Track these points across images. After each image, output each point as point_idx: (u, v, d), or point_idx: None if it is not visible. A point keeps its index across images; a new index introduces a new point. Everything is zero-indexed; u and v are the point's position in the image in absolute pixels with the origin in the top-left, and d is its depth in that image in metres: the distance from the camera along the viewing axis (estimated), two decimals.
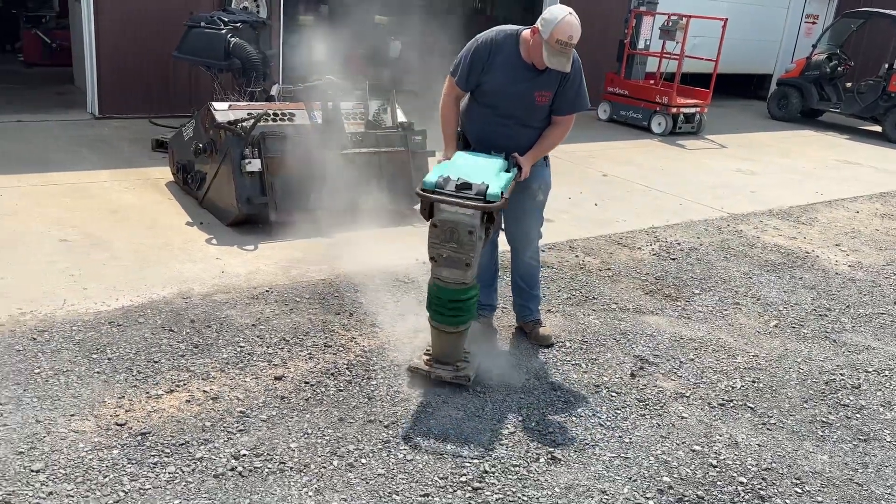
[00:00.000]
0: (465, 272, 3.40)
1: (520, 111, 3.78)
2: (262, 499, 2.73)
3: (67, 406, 3.17)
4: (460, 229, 3.31)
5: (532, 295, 4.25)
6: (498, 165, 3.58)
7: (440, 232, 3.35)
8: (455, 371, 3.58)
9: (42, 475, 2.72)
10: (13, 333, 3.71)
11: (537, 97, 3.74)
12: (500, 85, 3.73)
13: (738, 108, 15.17)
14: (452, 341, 3.57)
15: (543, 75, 3.68)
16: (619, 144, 10.53)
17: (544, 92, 3.73)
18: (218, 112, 5.50)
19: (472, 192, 3.28)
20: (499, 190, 3.30)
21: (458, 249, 3.35)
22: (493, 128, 3.84)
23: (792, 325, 4.86)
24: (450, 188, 3.31)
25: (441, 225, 3.34)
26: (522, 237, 4.09)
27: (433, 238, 3.39)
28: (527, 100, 3.74)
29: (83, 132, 7.90)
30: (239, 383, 3.50)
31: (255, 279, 4.69)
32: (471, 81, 3.78)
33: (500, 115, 3.80)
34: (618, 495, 2.96)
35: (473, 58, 3.74)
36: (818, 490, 3.13)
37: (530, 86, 3.71)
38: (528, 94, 3.73)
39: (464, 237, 3.32)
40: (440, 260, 3.41)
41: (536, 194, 3.99)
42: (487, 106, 3.82)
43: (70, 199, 5.79)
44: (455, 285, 3.43)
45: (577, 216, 6.80)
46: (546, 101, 3.77)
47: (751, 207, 7.71)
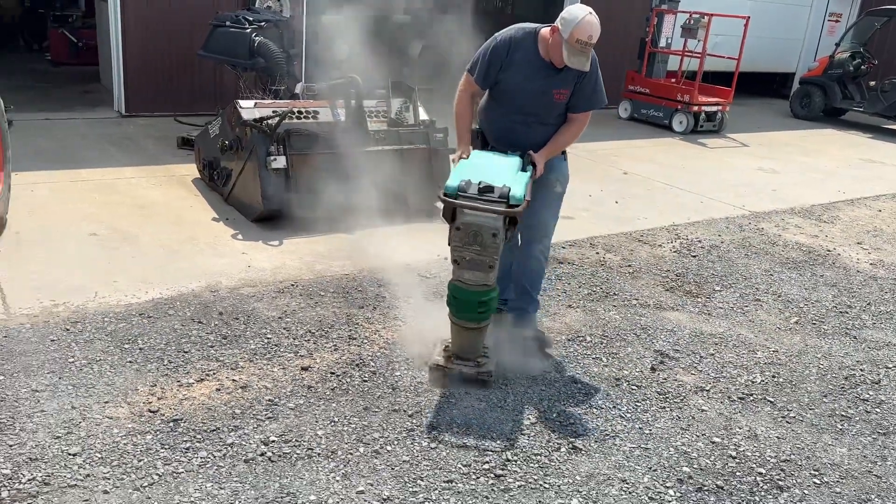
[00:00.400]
0: (487, 274, 3.40)
1: (538, 109, 3.81)
2: (290, 483, 2.81)
3: (101, 393, 3.27)
4: (484, 232, 3.31)
5: (532, 298, 4.19)
6: (515, 165, 3.60)
7: (463, 235, 3.34)
8: (476, 367, 3.59)
9: (79, 458, 2.82)
10: (47, 324, 3.83)
11: (555, 95, 3.77)
12: (519, 82, 3.76)
13: (761, 107, 15.09)
14: (473, 337, 3.58)
15: (562, 73, 3.71)
16: (639, 143, 10.54)
17: (562, 90, 3.76)
18: (244, 110, 5.60)
19: (495, 195, 3.29)
20: (522, 193, 3.33)
21: (481, 252, 3.34)
22: (512, 125, 3.86)
23: (812, 321, 4.87)
24: (472, 192, 3.32)
25: (464, 228, 3.33)
26: (538, 227, 4.03)
27: (456, 241, 3.37)
28: (545, 97, 3.77)
29: (110, 130, 8.05)
30: (267, 373, 3.58)
31: (281, 273, 4.77)
32: (489, 79, 3.80)
33: (519, 112, 3.82)
34: (638, 484, 3.01)
35: (492, 55, 3.76)
36: (836, 481, 3.16)
37: (549, 83, 3.74)
38: (547, 92, 3.75)
39: (487, 240, 3.31)
40: (463, 263, 3.41)
41: (554, 185, 3.99)
42: (506, 104, 3.85)
43: (98, 195, 5.92)
44: (477, 287, 3.42)
45: (597, 214, 6.84)
46: (564, 98, 3.79)
47: (772, 205, 7.70)
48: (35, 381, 3.31)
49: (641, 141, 10.67)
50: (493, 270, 3.39)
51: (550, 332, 4.30)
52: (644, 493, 2.96)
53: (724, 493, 3.01)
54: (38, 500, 2.58)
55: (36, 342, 3.64)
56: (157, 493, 2.68)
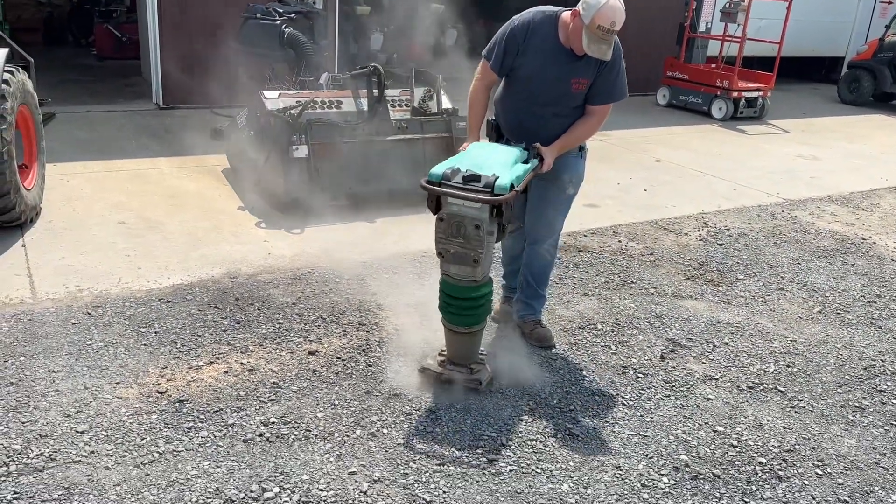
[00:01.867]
0: (473, 269, 3.22)
1: (554, 99, 3.60)
2: (285, 463, 2.88)
3: (114, 375, 3.40)
4: (467, 223, 3.14)
5: (538, 294, 4.01)
6: (514, 156, 3.39)
7: (447, 226, 3.19)
8: (469, 374, 3.43)
9: (86, 436, 2.94)
10: (70, 308, 3.98)
11: (574, 84, 3.55)
12: (535, 70, 3.56)
13: (807, 92, 14.67)
14: (465, 342, 3.41)
15: (582, 61, 3.50)
16: (676, 130, 10.37)
17: (581, 79, 3.55)
18: (268, 100, 5.70)
19: (480, 184, 3.10)
20: (508, 182, 3.11)
21: (465, 245, 3.18)
22: (527, 116, 3.67)
23: (837, 311, 4.75)
24: (457, 180, 3.15)
25: (448, 219, 3.18)
26: (544, 226, 3.86)
27: (440, 233, 3.22)
28: (562, 87, 3.56)
29: (147, 122, 8.27)
30: (275, 357, 3.67)
31: (299, 261, 4.86)
32: (505, 65, 3.61)
33: (534, 102, 3.63)
34: (632, 471, 3.00)
35: (508, 40, 3.57)
36: (840, 472, 3.10)
37: (567, 72, 3.53)
38: (565, 81, 3.55)
39: (471, 232, 3.14)
40: (447, 256, 3.25)
41: (566, 187, 3.79)
42: (521, 92, 3.66)
43: (131, 185, 6.10)
44: (465, 283, 3.27)
45: (624, 201, 6.77)
46: (583, 88, 3.58)
47: (808, 193, 7.52)
48: (53, 362, 3.45)
49: (678, 128, 10.49)
50: (479, 265, 3.19)
51: (562, 321, 4.29)
52: (637, 479, 2.95)
53: (720, 481, 2.98)
54: (43, 474, 2.71)
55: (58, 325, 3.80)
56: (156, 470, 2.78)
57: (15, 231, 4.92)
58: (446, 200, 3.18)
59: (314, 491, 2.73)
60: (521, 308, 4.07)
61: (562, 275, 4.93)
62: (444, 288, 3.34)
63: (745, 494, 2.92)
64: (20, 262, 4.52)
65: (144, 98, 9.25)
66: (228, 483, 2.74)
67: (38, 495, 2.61)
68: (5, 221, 4.79)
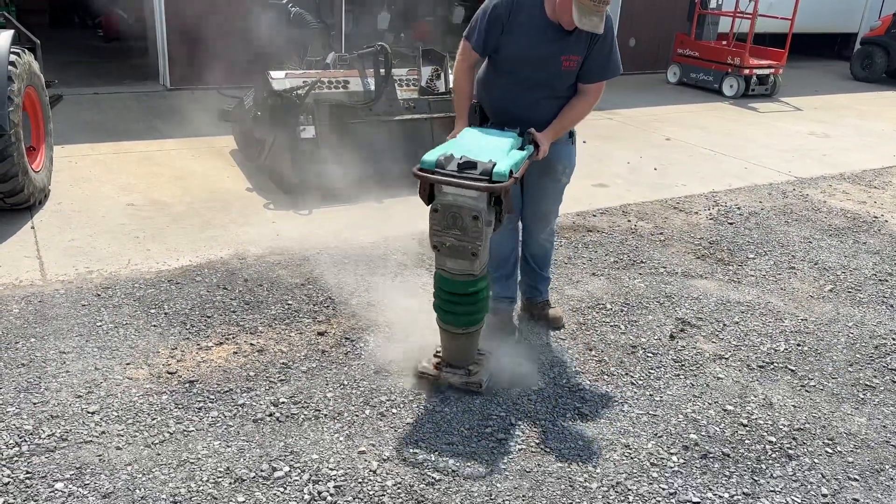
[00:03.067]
0: (472, 262, 3.02)
1: (544, 79, 3.34)
2: (295, 442, 2.89)
3: (124, 356, 3.41)
4: (464, 214, 2.92)
5: (542, 276, 3.95)
6: (509, 143, 3.15)
7: (442, 217, 2.97)
8: (466, 376, 3.27)
9: (97, 416, 2.96)
10: (80, 290, 4.00)
11: (564, 62, 3.29)
12: (522, 48, 3.29)
13: (819, 70, 14.50)
14: (462, 343, 3.25)
15: (572, 37, 3.24)
16: (686, 108, 10.27)
17: (572, 56, 3.28)
18: (275, 80, 5.67)
19: (477, 171, 2.87)
20: (507, 168, 2.89)
21: (462, 237, 2.96)
22: (513, 99, 3.40)
23: (848, 289, 4.72)
24: (451, 167, 2.91)
25: (443, 209, 2.96)
26: (539, 218, 3.74)
27: (434, 224, 3.00)
28: (552, 65, 3.30)
29: (155, 103, 8.26)
30: (284, 338, 3.67)
31: (308, 242, 4.86)
32: (488, 45, 3.34)
33: (521, 83, 3.37)
34: (641, 450, 3.00)
35: (491, 17, 3.28)
36: (850, 451, 3.09)
37: (556, 49, 3.26)
38: (554, 59, 3.28)
39: (468, 223, 2.92)
40: (443, 249, 3.03)
41: (560, 177, 3.61)
42: (506, 73, 3.39)
43: (138, 167, 6.10)
44: (462, 277, 3.08)
45: (633, 181, 6.73)
46: (574, 66, 3.32)
47: (820, 171, 7.45)
48: (64, 343, 3.47)
49: (688, 106, 10.40)
50: (477, 258, 3.01)
51: (571, 301, 4.28)
52: (646, 458, 2.95)
53: (729, 460, 2.97)
54: (55, 454, 2.73)
55: (68, 307, 3.81)
56: (167, 450, 2.80)
57: (24, 213, 4.94)
58: (440, 189, 2.95)
59: (324, 470, 2.75)
60: (527, 291, 4.01)
61: (571, 255, 4.91)
62: (440, 283, 3.15)
63: (754, 473, 2.91)
64: (30, 244, 4.53)
65: (151, 79, 9.24)
66: (239, 462, 2.76)
67: (51, 475, 2.63)
68: (14, 204, 4.80)
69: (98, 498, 2.54)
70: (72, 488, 2.57)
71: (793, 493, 2.83)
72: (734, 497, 2.78)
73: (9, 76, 4.49)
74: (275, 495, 2.61)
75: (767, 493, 2.82)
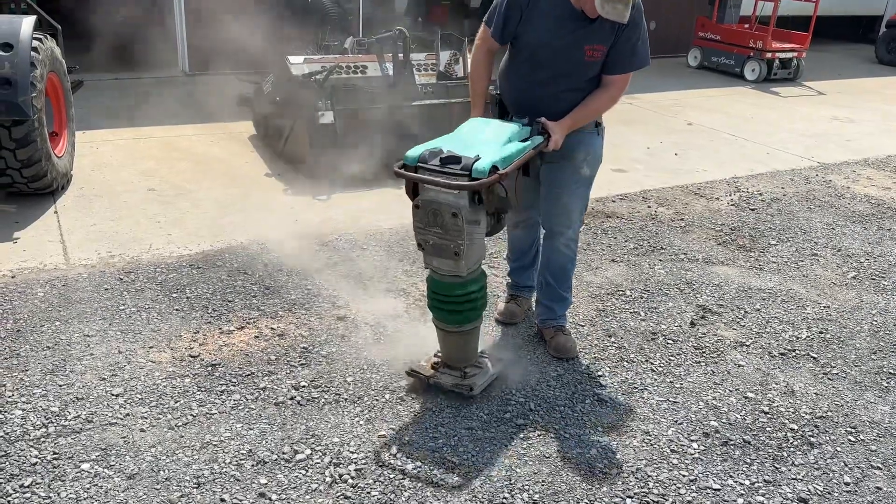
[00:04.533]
0: (455, 262, 2.87)
1: (566, 69, 3.14)
2: (316, 425, 2.91)
3: (147, 339, 3.45)
4: (444, 211, 2.77)
5: (560, 295, 3.56)
6: (509, 133, 2.94)
7: (423, 214, 2.84)
8: (460, 378, 3.12)
9: (121, 399, 2.99)
10: (103, 274, 4.04)
11: (587, 52, 3.09)
12: (543, 36, 3.11)
13: (843, 53, 14.28)
14: (456, 343, 3.10)
15: (596, 24, 3.03)
16: (707, 92, 10.17)
17: (596, 45, 3.08)
18: (293, 66, 5.67)
19: (458, 166, 2.70)
20: (488, 164, 2.68)
21: (443, 235, 2.82)
22: (533, 90, 3.22)
23: (871, 276, 4.67)
24: (434, 163, 2.75)
25: (424, 206, 2.83)
26: (559, 217, 3.40)
27: (417, 221, 2.88)
28: (574, 55, 3.10)
29: (174, 89, 8.29)
30: (304, 322, 3.69)
31: (326, 227, 4.87)
32: (507, 31, 3.17)
33: (542, 74, 3.18)
34: (661, 436, 2.99)
35: (510, 2, 3.11)
36: (873, 439, 3.06)
37: (579, 38, 3.07)
38: (577, 48, 3.09)
39: (447, 220, 2.78)
40: (427, 247, 2.92)
41: (581, 166, 3.32)
42: (526, 62, 3.20)
43: (159, 152, 6.14)
44: (449, 278, 2.94)
45: (654, 166, 6.68)
46: (598, 56, 3.11)
47: (844, 157, 7.35)
48: (88, 326, 3.51)
49: (710, 90, 10.29)
50: (460, 258, 2.84)
51: (590, 287, 4.26)
52: (666, 445, 2.94)
53: (750, 447, 2.96)
54: (80, 436, 2.77)
55: (91, 290, 3.86)
56: (190, 433, 2.83)
57: (47, 198, 4.99)
58: (423, 185, 2.81)
59: (345, 453, 2.77)
60: (541, 311, 3.65)
61: (590, 241, 4.89)
62: (429, 283, 3.04)
63: (775, 461, 2.90)
64: (53, 229, 4.58)
65: (171, 65, 9.26)
66: (261, 445, 2.79)
67: (77, 456, 2.67)
68: (38, 188, 4.85)
69: (123, 479, 2.58)
70: (98, 469, 2.61)
71: (815, 482, 2.81)
72: (755, 484, 2.77)
73: (31, 62, 4.52)
74: (296, 478, 2.64)
75: (789, 480, 2.80)
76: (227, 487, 2.58)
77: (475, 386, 3.09)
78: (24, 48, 4.49)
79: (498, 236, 4.43)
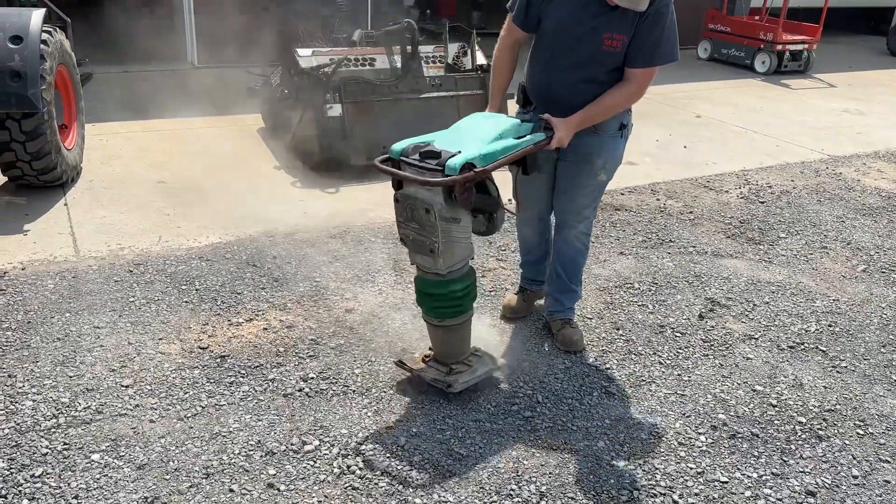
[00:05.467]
0: (433, 260, 2.81)
1: (583, 59, 3.03)
2: (324, 417, 2.93)
3: (157, 331, 3.47)
4: (418, 206, 2.74)
5: (569, 288, 3.54)
6: (503, 129, 2.86)
7: (402, 208, 2.83)
8: (445, 374, 3.05)
9: (130, 390, 3.01)
10: (112, 266, 4.06)
11: (606, 40, 2.96)
12: (561, 22, 3.01)
13: (855, 45, 14.17)
14: (441, 337, 3.06)
15: (617, 13, 2.92)
16: (717, 84, 10.12)
17: (616, 34, 2.95)
18: (302, 58, 5.67)
19: (434, 162, 2.66)
20: (461, 161, 2.61)
21: (420, 231, 2.80)
22: (553, 82, 3.13)
23: (882, 269, 4.64)
24: (414, 157, 2.72)
25: (402, 200, 2.80)
26: (572, 212, 3.37)
27: (397, 215, 2.88)
28: (593, 44, 2.98)
29: (183, 81, 8.30)
30: (312, 314, 3.70)
31: (335, 220, 4.88)
32: (530, 17, 3.08)
33: (560, 63, 3.08)
34: (668, 429, 2.99)
35: None
36: (882, 433, 3.05)
37: (598, 25, 2.95)
38: (595, 37, 2.97)
39: (421, 216, 2.75)
40: (408, 242, 2.90)
41: (598, 172, 3.25)
42: (548, 48, 3.11)
43: (168, 145, 6.16)
44: (431, 275, 2.90)
45: (663, 158, 6.65)
46: (618, 47, 2.98)
47: (854, 149, 7.30)
48: (97, 318, 3.53)
49: (719, 83, 10.23)
50: (436, 256, 2.79)
51: (599, 280, 4.26)
52: (674, 438, 2.94)
53: (758, 440, 2.96)
54: (90, 426, 2.79)
55: (101, 283, 3.88)
56: (199, 423, 2.85)
57: (57, 190, 5.02)
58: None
59: (353, 444, 2.78)
60: (550, 304, 3.63)
61: (598, 233, 4.88)
62: (415, 282, 3.02)
63: (783, 454, 2.90)
64: (63, 221, 4.61)
65: (180, 57, 9.28)
66: (269, 436, 2.80)
67: (87, 446, 2.69)
68: (47, 181, 4.87)
69: (133, 469, 2.60)
70: (107, 459, 2.63)
71: (823, 475, 2.81)
72: (763, 477, 2.77)
73: (41, 54, 4.54)
74: (305, 468, 2.65)
75: (797, 473, 2.80)
76: (236, 478, 2.59)
77: (456, 383, 3.01)
78: (34, 41, 4.51)
79: (508, 229, 4.44)
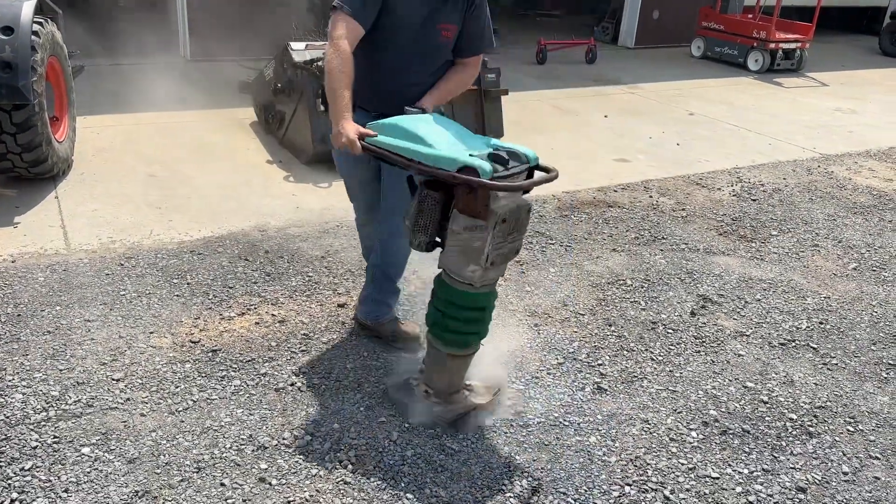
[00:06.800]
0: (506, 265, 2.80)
1: (425, 51, 2.95)
2: (317, 411, 2.92)
3: (148, 324, 3.45)
4: (521, 212, 2.70)
5: (396, 288, 3.44)
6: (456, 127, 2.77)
7: (507, 227, 2.68)
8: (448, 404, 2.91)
9: (121, 384, 3.00)
10: (103, 259, 4.04)
11: (442, 31, 2.92)
12: (400, 17, 2.84)
13: (847, 44, 14.23)
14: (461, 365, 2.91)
15: (448, 4, 2.89)
16: (710, 82, 10.14)
17: (448, 24, 2.92)
18: (295, 52, 5.65)
19: (516, 163, 2.67)
20: (531, 151, 2.69)
21: (517, 237, 2.75)
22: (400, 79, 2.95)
23: (872, 268, 4.66)
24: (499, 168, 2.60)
25: (509, 218, 2.65)
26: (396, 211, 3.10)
27: (496, 240, 2.68)
28: (431, 35, 2.91)
29: (175, 75, 8.24)
30: (305, 309, 3.69)
31: (328, 215, 4.87)
32: (369, 11, 2.78)
33: (402, 59, 2.93)
34: (660, 425, 3.00)
35: None
36: (872, 430, 3.07)
37: (434, 16, 2.89)
38: (432, 27, 2.90)
39: (523, 219, 2.73)
40: (498, 259, 2.73)
41: None
42: (389, 47, 2.90)
43: (160, 138, 6.13)
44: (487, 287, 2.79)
45: (655, 156, 6.66)
46: (450, 37, 2.96)
47: (846, 148, 7.33)
48: (88, 311, 3.51)
49: (712, 80, 10.25)
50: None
51: (591, 276, 4.26)
52: (665, 434, 2.95)
53: (749, 437, 2.97)
54: (81, 420, 2.77)
55: (92, 276, 3.85)
56: (190, 418, 2.84)
57: (48, 183, 4.98)
58: None
59: (345, 439, 2.77)
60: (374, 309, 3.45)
61: (591, 230, 4.89)
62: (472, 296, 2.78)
63: (774, 450, 2.91)
64: (54, 214, 4.58)
65: (172, 51, 9.22)
66: (261, 430, 2.79)
67: (77, 440, 2.67)
68: (38, 173, 4.84)
69: (123, 463, 2.59)
70: (98, 453, 2.62)
71: (813, 471, 2.82)
72: (753, 473, 2.78)
73: (32, 46, 4.50)
74: (296, 463, 2.65)
75: (787, 469, 2.81)
76: (227, 472, 2.58)
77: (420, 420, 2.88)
78: (25, 32, 4.47)
79: None
